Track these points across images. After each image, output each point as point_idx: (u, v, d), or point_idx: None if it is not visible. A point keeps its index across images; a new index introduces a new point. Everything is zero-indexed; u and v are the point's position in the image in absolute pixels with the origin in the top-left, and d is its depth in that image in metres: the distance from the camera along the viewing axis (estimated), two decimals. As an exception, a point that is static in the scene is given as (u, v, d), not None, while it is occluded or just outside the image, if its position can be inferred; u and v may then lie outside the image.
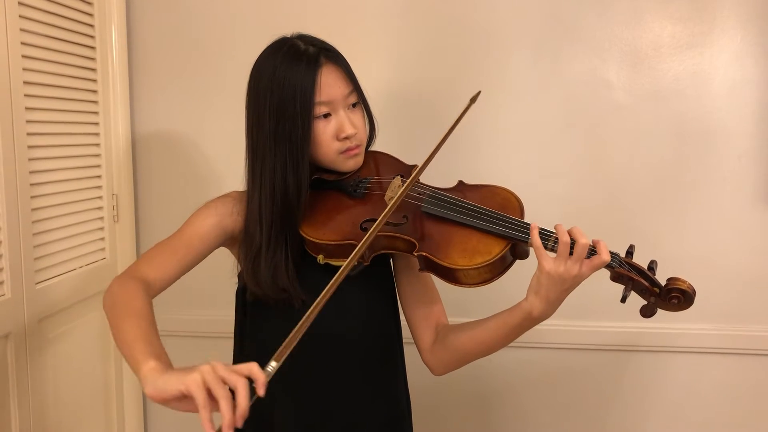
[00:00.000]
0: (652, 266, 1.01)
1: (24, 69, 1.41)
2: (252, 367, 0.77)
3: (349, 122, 1.09)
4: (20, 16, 1.40)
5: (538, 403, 1.79)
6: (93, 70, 1.69)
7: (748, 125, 1.62)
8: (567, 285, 0.96)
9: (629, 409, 1.76)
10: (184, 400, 0.78)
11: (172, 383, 0.78)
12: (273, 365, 0.79)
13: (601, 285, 1.12)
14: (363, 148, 1.15)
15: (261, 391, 0.75)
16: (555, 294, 0.97)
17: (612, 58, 1.66)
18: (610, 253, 0.97)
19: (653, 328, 1.68)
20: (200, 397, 0.75)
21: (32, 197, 1.45)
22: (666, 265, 1.09)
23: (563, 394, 1.78)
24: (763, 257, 1.65)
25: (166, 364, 0.85)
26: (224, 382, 0.76)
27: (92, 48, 1.68)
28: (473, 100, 1.20)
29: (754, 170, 1.62)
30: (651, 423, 1.75)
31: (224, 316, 1.51)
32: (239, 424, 0.74)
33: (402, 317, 1.23)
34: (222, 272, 1.27)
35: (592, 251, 0.96)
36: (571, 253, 0.95)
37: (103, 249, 1.75)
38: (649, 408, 1.75)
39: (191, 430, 1.93)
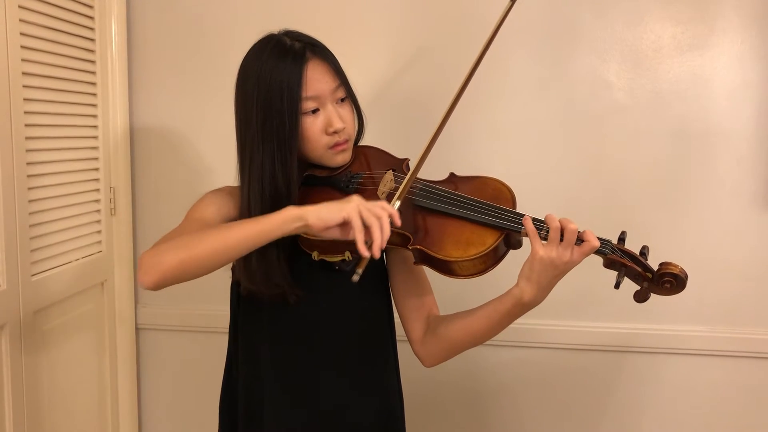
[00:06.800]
0: (644, 251, 1.02)
1: (23, 60, 1.41)
2: (384, 204, 0.94)
3: (338, 116, 1.09)
4: (20, 7, 1.39)
5: (532, 402, 1.80)
6: (92, 62, 1.69)
7: (747, 128, 1.62)
8: (558, 271, 0.99)
9: (623, 410, 1.76)
10: (342, 227, 0.93)
11: (335, 213, 0.92)
12: (398, 204, 0.99)
13: (598, 286, 1.12)
14: (351, 143, 1.15)
15: (399, 222, 0.95)
16: (546, 279, 0.99)
17: (612, 59, 1.65)
18: (602, 240, 0.99)
19: (648, 329, 1.68)
20: (359, 223, 0.91)
21: (29, 189, 1.44)
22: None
23: (558, 393, 1.78)
24: (759, 260, 1.65)
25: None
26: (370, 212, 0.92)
27: (92, 40, 1.68)
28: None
29: (752, 173, 1.62)
30: (645, 423, 1.76)
31: (219, 311, 1.51)
32: (384, 246, 0.91)
33: (394, 312, 1.24)
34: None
35: (582, 240, 0.98)
36: (561, 240, 0.97)
37: (99, 242, 1.75)
38: (644, 409, 1.75)
39: (182, 418, 1.94)
